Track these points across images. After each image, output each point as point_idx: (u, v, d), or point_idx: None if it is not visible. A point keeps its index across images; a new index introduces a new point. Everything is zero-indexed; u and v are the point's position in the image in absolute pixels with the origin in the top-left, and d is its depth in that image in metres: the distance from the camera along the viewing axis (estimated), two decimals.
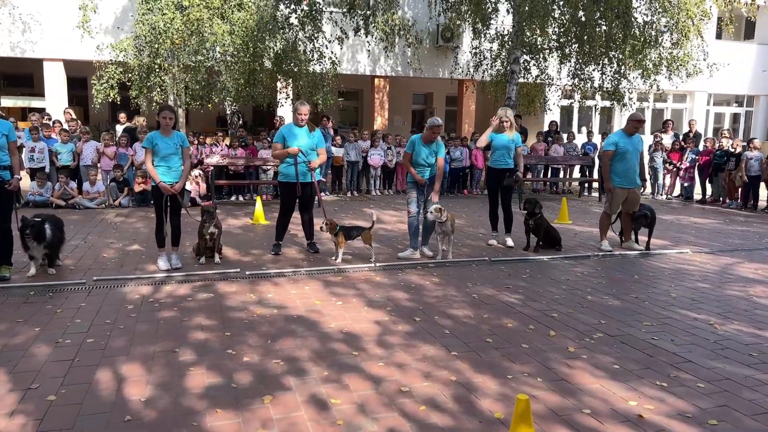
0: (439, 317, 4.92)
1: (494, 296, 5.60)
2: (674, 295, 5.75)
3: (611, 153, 7.78)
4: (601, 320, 4.92)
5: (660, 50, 14.88)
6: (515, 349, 4.23)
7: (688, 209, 12.35)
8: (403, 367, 3.87)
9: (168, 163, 6.34)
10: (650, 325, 4.80)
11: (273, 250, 7.20)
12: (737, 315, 5.12)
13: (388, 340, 4.36)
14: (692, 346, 4.33)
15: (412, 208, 7.25)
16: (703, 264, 7.17)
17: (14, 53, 16.17)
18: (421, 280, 6.18)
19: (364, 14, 13.31)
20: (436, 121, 7.06)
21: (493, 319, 4.89)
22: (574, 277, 6.43)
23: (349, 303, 5.29)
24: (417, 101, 24.99)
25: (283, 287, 5.79)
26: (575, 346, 4.31)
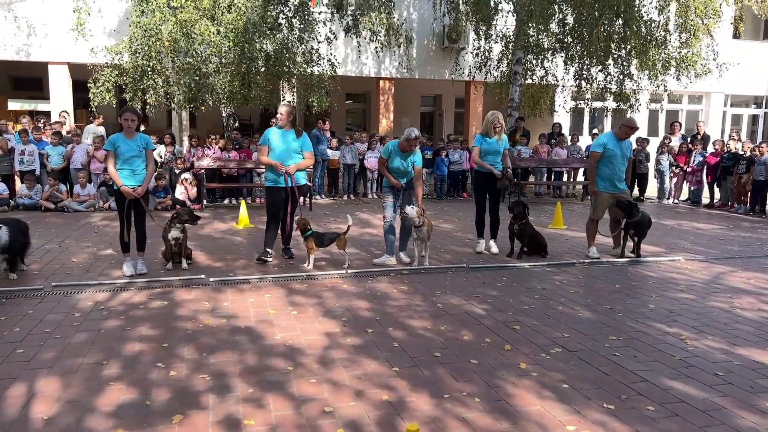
0: (393, 329, 4.68)
1: (460, 306, 5.35)
2: (652, 306, 5.44)
3: (599, 155, 7.48)
4: (564, 333, 4.64)
5: (668, 50, 14.45)
6: (463, 364, 3.98)
7: (692, 214, 11.92)
8: (336, 384, 3.64)
9: (131, 166, 6.19)
10: (615, 340, 4.51)
11: (262, 256, 6.96)
12: (714, 329, 4.80)
13: (331, 354, 4.13)
14: (655, 364, 4.03)
15: (387, 213, 7.02)
16: (693, 273, 6.83)
17: (19, 57, 16.25)
18: (389, 288, 5.94)
19: (353, 14, 13.10)
20: (412, 133, 6.82)
21: (450, 331, 4.64)
22: (551, 285, 6.14)
23: (305, 313, 5.08)
24: (426, 103, 24.74)
25: (243, 295, 5.60)
26: (528, 362, 4.04)
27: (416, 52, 19.38)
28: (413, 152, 6.93)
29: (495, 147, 7.52)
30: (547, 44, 14.81)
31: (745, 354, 4.24)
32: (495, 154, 7.55)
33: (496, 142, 7.52)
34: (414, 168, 6.95)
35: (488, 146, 7.53)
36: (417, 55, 19.38)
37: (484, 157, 7.55)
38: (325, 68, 14.07)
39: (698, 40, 14.56)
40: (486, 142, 7.54)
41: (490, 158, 7.55)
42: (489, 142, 7.53)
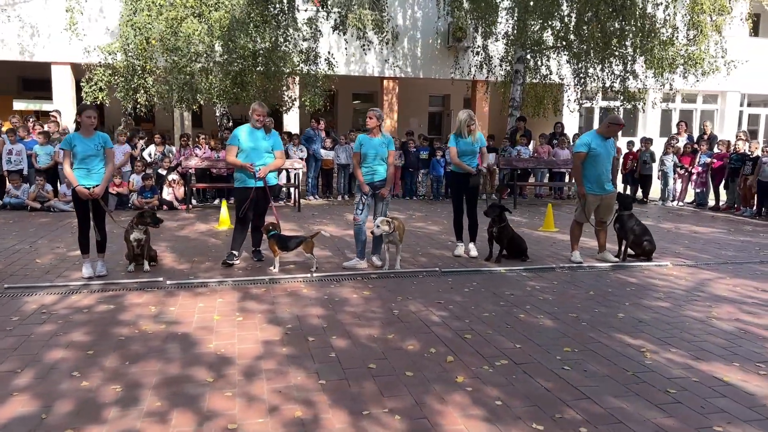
0: (337, 337, 4.45)
1: (417, 313, 5.09)
2: (621, 315, 5.13)
3: (583, 155, 7.15)
4: (517, 344, 4.36)
5: (675, 47, 13.98)
6: (396, 377, 3.72)
7: (694, 217, 11.49)
8: (252, 399, 3.41)
9: (87, 166, 6.04)
10: (570, 352, 4.22)
11: (227, 259, 6.77)
12: (680, 341, 4.48)
13: (260, 364, 3.91)
14: (604, 379, 3.74)
15: (358, 215, 6.78)
16: (677, 279, 6.48)
17: (23, 57, 16.29)
18: (351, 293, 5.71)
19: (339, 11, 12.88)
20: (374, 111, 6.66)
21: (396, 341, 4.39)
22: (521, 291, 5.86)
23: (251, 319, 4.87)
24: (434, 103, 24.43)
25: (195, 299, 5.41)
26: (467, 375, 3.78)
27: (420, 51, 19.13)
28: (382, 135, 6.70)
29: (471, 147, 7.27)
30: (549, 42, 14.46)
31: (706, 369, 3.93)
32: (471, 154, 7.29)
33: (472, 141, 7.25)
34: (388, 152, 6.72)
35: (464, 146, 7.27)
36: (422, 54, 19.12)
37: (460, 158, 7.29)
38: (322, 67, 13.88)
39: (706, 38, 14.08)
40: (461, 142, 7.27)
41: (466, 159, 7.29)
42: (465, 141, 7.27)
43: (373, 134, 6.75)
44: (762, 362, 4.07)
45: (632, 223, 7.29)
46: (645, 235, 7.30)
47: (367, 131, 6.80)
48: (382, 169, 6.76)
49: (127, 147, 11.47)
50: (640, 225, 7.35)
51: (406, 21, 19.03)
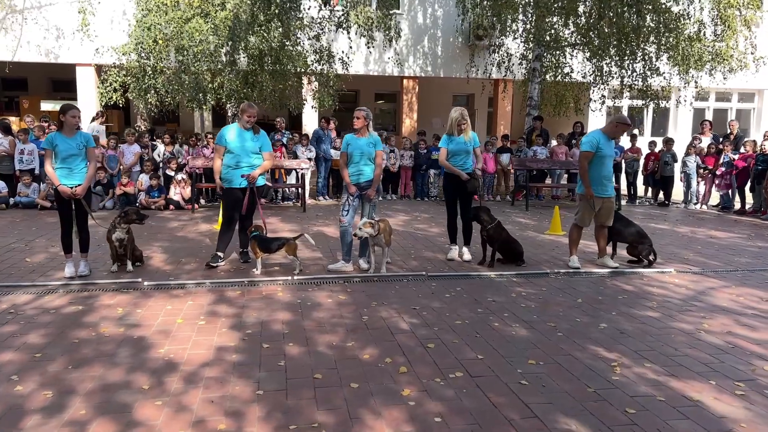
0: (294, 344, 4.29)
1: (387, 319, 4.90)
2: (604, 326, 4.84)
3: (591, 155, 6.82)
4: (480, 355, 4.13)
5: (701, 44, 13.43)
6: (338, 389, 3.55)
7: (716, 221, 10.97)
8: (180, 409, 3.28)
9: (69, 165, 6.02)
10: (534, 364, 3.97)
11: (211, 261, 6.69)
12: (658, 355, 4.19)
13: (203, 372, 3.78)
14: (561, 396, 3.49)
15: (343, 216, 6.62)
16: (677, 287, 6.13)
17: (48, 59, 16.61)
18: (326, 297, 5.55)
19: (344, 9, 12.72)
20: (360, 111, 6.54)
21: (354, 349, 4.21)
22: (505, 298, 5.61)
23: (214, 323, 4.75)
24: (459, 103, 24.10)
25: (166, 301, 5.33)
26: (416, 388, 3.58)
27: (441, 50, 18.86)
28: (370, 135, 6.53)
29: (464, 146, 7.02)
30: (568, 39, 14.06)
31: (677, 387, 3.64)
32: (465, 154, 7.05)
33: (464, 140, 7.01)
34: (376, 152, 6.54)
35: (456, 146, 7.03)
36: (442, 52, 18.85)
37: (453, 158, 7.06)
38: (336, 67, 13.78)
39: (735, 33, 13.48)
40: (453, 142, 7.04)
41: (459, 159, 7.05)
42: (457, 141, 7.03)
43: (361, 134, 6.59)
44: (742, 381, 3.75)
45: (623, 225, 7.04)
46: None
47: (355, 131, 6.64)
48: (369, 169, 6.59)
49: (137, 147, 11.54)
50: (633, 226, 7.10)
51: (427, 19, 18.79)
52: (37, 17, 16.02)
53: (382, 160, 6.75)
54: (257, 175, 6.63)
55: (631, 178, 13.35)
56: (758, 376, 3.83)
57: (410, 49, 18.91)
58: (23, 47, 16.43)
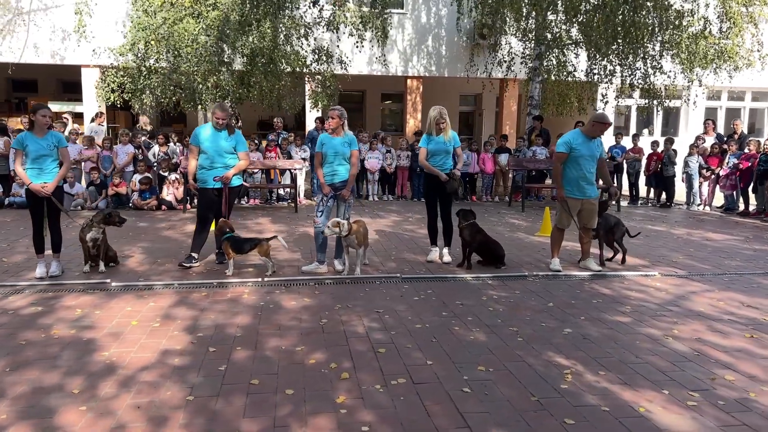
0: (242, 348, 4.20)
1: (346, 323, 4.79)
2: (568, 331, 4.68)
3: (564, 156, 6.67)
4: (430, 361, 4.00)
5: (706, 41, 13.12)
6: (272, 395, 3.45)
7: (716, 223, 10.69)
8: (105, 414, 3.21)
9: (40, 165, 6.01)
10: (484, 371, 3.84)
11: (184, 262, 6.64)
12: (617, 362, 4.02)
13: (141, 376, 3.70)
14: (501, 405, 3.36)
15: (318, 217, 6.52)
16: (657, 291, 5.94)
17: (54, 60, 16.72)
18: (291, 300, 5.45)
19: (333, 9, 12.62)
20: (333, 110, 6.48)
21: (302, 354, 4.11)
22: (475, 301, 5.47)
23: (168, 326, 4.68)
24: (466, 103, 23.94)
25: (128, 303, 5.28)
26: (353, 395, 3.46)
27: (445, 50, 18.69)
28: (345, 134, 6.43)
29: (443, 146, 6.88)
30: (572, 37, 13.83)
31: (626, 397, 3.48)
32: (444, 154, 6.91)
33: (444, 140, 6.87)
34: (351, 152, 6.44)
35: (436, 146, 6.89)
36: (446, 52, 18.69)
37: (432, 158, 6.92)
38: (333, 66, 13.70)
39: (741, 30, 13.15)
40: (433, 142, 6.91)
41: (438, 159, 6.91)
42: (436, 141, 6.90)
43: (336, 134, 6.48)
44: (698, 390, 3.58)
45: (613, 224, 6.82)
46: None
47: (331, 131, 6.54)
48: (344, 169, 6.49)
49: (130, 147, 11.56)
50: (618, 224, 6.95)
51: (431, 18, 18.64)
52: (43, 19, 16.12)
53: (358, 160, 6.63)
54: (231, 175, 6.56)
55: (632, 178, 13.09)
56: (716, 386, 3.66)
57: (414, 48, 18.78)
58: (30, 49, 16.59)
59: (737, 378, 3.78)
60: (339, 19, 12.47)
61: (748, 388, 3.62)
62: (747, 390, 3.60)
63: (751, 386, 3.66)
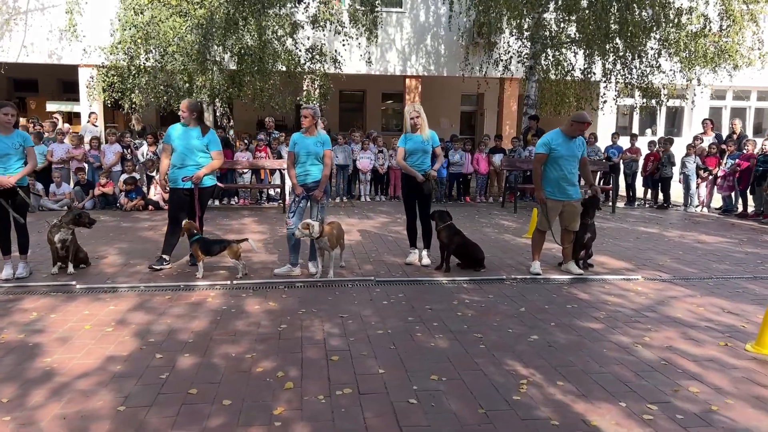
0: (190, 354, 4.06)
1: (306, 328, 4.64)
2: (534, 338, 4.50)
3: (543, 156, 6.50)
4: (382, 369, 3.84)
5: (705, 39, 12.86)
6: (208, 406, 3.30)
7: (712, 225, 10.44)
8: (27, 424, 3.08)
9: (5, 164, 5.90)
10: (437, 380, 3.67)
11: (154, 264, 6.51)
12: (578, 372, 3.85)
13: (77, 384, 3.57)
14: (445, 417, 3.19)
15: (290, 218, 6.38)
16: (637, 296, 5.74)
17: (52, 60, 16.67)
18: (255, 304, 5.31)
19: (317, 7, 12.47)
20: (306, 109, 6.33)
21: (252, 361, 3.96)
22: (445, 305, 5.30)
23: (121, 330, 4.55)
24: (468, 102, 23.75)
25: (88, 306, 5.16)
26: (293, 406, 3.31)
27: (444, 48, 18.51)
28: (318, 134, 6.28)
29: (421, 146, 6.71)
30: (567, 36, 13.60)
31: (580, 409, 3.31)
32: (422, 153, 6.74)
33: (422, 139, 6.70)
34: (324, 152, 6.30)
35: (413, 145, 6.73)
36: (445, 51, 18.50)
37: (409, 157, 6.76)
38: (326, 65, 13.57)
39: (743, 28, 12.87)
40: (411, 141, 6.74)
41: (415, 158, 6.75)
42: (414, 140, 6.73)
43: (309, 133, 6.34)
44: (657, 403, 3.40)
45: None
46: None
47: (304, 130, 6.40)
48: (317, 169, 6.34)
49: (118, 147, 11.48)
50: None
51: (429, 17, 18.47)
52: (40, 19, 16.07)
53: (331, 160, 6.48)
54: (201, 175, 6.42)
55: (629, 179, 12.85)
56: (678, 398, 3.47)
57: (413, 47, 18.62)
58: (27, 48, 16.59)
59: (702, 390, 3.59)
60: (323, 17, 12.30)
61: (711, 401, 3.43)
62: (710, 403, 3.41)
63: (715, 399, 3.47)
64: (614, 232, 9.40)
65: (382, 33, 18.44)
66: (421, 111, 6.72)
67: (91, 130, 12.80)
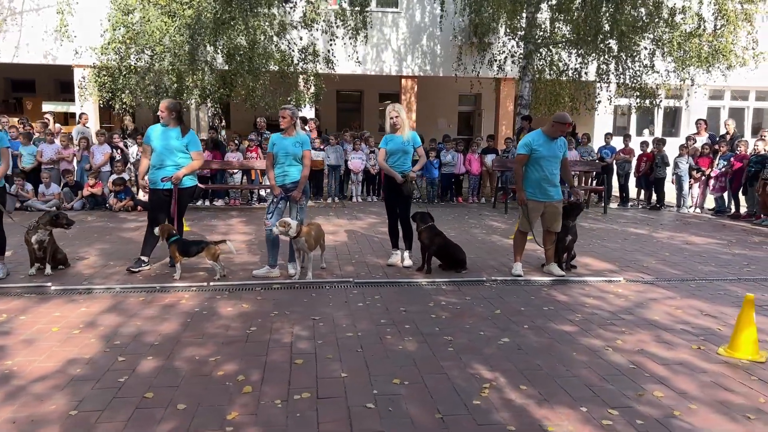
0: (153, 358, 4.02)
1: (276, 331, 4.60)
2: (505, 340, 4.45)
3: (524, 157, 6.45)
4: (344, 373, 3.80)
5: (700, 39, 12.77)
6: (162, 410, 3.26)
7: (703, 226, 10.37)
8: None
9: None
10: (398, 384, 3.63)
11: (132, 267, 6.46)
12: (543, 376, 3.80)
13: (34, 387, 3.53)
14: (401, 423, 3.14)
15: (268, 219, 6.33)
16: (616, 298, 5.69)
17: (47, 60, 16.66)
18: (229, 306, 5.27)
19: (303, 7, 12.43)
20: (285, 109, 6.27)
21: (215, 365, 3.92)
22: (420, 307, 5.25)
23: (89, 333, 4.51)
24: (466, 102, 23.70)
25: (60, 307, 5.13)
26: (248, 411, 3.27)
27: (440, 49, 18.46)
28: (297, 134, 6.24)
29: (400, 146, 6.67)
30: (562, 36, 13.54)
31: (539, 415, 3.26)
32: (402, 154, 6.69)
33: (403, 140, 6.65)
34: (303, 152, 6.26)
35: (393, 146, 6.69)
36: (441, 51, 18.44)
37: (390, 158, 6.72)
38: (318, 65, 13.52)
39: (738, 27, 12.77)
40: (392, 142, 6.70)
41: (395, 159, 6.72)
42: (394, 140, 6.69)
43: (287, 133, 6.30)
44: (619, 408, 3.35)
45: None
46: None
47: (282, 131, 6.36)
48: (295, 170, 6.30)
49: (107, 147, 11.46)
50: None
51: (425, 18, 18.41)
52: (36, 20, 16.06)
53: (310, 161, 6.43)
54: (180, 175, 6.38)
55: (622, 180, 12.78)
56: (641, 402, 3.42)
57: (408, 48, 18.57)
58: (21, 48, 16.62)
59: (667, 394, 3.54)
60: (310, 16, 12.26)
61: (674, 406, 3.38)
62: (673, 408, 3.36)
63: (679, 404, 3.41)
64: (603, 233, 9.34)
65: (378, 33, 18.42)
66: (401, 111, 6.68)
67: (82, 131, 12.78)
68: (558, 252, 6.70)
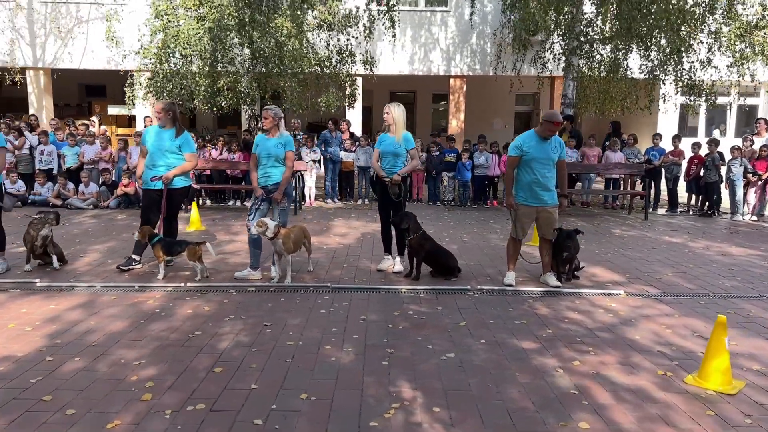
0: (81, 358, 4.01)
1: (220, 335, 4.51)
2: (449, 356, 4.15)
3: (515, 159, 6.07)
4: (255, 384, 3.64)
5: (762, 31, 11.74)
6: (48, 414, 3.21)
7: (751, 235, 9.47)
8: None
9: None
10: (305, 399, 3.42)
11: (122, 265, 6.57)
12: (467, 399, 3.49)
13: None
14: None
15: (250, 220, 6.27)
16: (605, 313, 5.23)
17: (110, 66, 17.51)
18: (194, 308, 5.23)
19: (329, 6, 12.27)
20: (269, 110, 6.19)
21: (137, 367, 3.86)
22: (385, 316, 5.02)
23: (42, 330, 4.58)
24: (523, 102, 23.04)
25: (30, 304, 5.25)
26: (134, 420, 3.17)
27: (490, 47, 17.96)
28: (280, 135, 6.15)
29: (391, 148, 6.43)
30: (610, 30, 12.82)
31: None
32: (392, 156, 6.46)
33: (394, 141, 6.41)
34: (286, 153, 6.17)
35: (385, 147, 6.46)
36: (491, 50, 17.94)
37: (381, 160, 6.51)
38: (356, 67, 13.46)
39: None
40: (383, 143, 6.48)
41: (386, 161, 6.50)
42: (385, 142, 6.46)
43: (271, 134, 6.22)
44: None
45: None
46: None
47: (266, 132, 6.28)
48: (277, 171, 6.21)
49: None
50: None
51: (475, 15, 17.94)
52: (101, 27, 16.87)
53: (293, 162, 6.31)
54: (171, 176, 6.42)
55: (670, 184, 11.91)
56: None
57: (457, 47, 18.20)
58: (87, 55, 17.60)
59: (594, 426, 3.16)
60: (319, 17, 12.16)
61: None
62: None
63: None
64: (630, 240, 8.70)
65: (426, 33, 18.14)
66: (394, 110, 6.42)
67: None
68: (559, 263, 6.26)
